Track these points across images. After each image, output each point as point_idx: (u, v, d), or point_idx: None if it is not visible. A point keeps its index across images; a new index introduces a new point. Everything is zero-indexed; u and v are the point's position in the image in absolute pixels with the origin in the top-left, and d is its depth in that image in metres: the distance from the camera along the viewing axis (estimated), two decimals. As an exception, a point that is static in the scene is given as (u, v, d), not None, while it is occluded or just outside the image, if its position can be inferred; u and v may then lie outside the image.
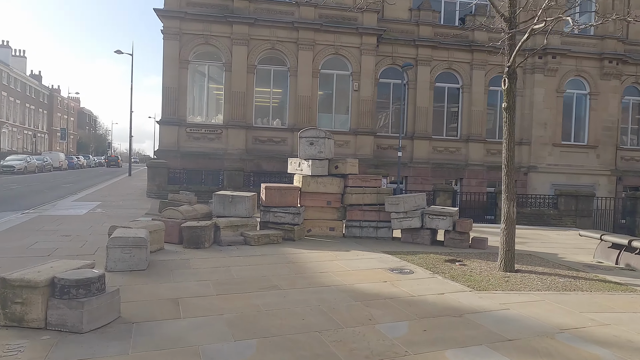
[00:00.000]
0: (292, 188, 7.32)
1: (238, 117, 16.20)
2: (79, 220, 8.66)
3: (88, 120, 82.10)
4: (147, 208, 11.34)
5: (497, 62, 18.74)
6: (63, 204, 11.83)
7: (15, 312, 3.13)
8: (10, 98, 44.13)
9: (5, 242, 6.26)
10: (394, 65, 18.19)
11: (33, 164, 29.27)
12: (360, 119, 17.13)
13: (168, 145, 15.79)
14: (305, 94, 16.59)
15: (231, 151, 16.12)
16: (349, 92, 17.36)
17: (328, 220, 7.60)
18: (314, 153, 7.38)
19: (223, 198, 7.09)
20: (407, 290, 4.56)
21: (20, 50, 50.37)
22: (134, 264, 4.87)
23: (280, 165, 16.51)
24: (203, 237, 6.23)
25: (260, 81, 16.81)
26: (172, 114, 15.84)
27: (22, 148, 46.38)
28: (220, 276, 4.84)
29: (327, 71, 17.12)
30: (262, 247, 6.51)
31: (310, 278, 4.91)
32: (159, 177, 14.23)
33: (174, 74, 15.82)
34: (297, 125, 16.56)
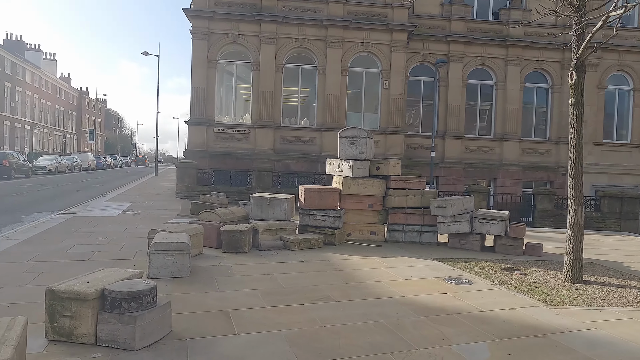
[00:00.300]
0: (332, 190, 6.98)
1: (266, 116, 16.00)
2: (113, 222, 8.59)
3: (114, 121, 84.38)
4: (177, 209, 11.25)
5: (533, 58, 17.91)
6: (95, 205, 11.89)
7: (64, 326, 2.91)
8: (42, 100, 45.67)
9: (45, 244, 6.17)
10: (424, 62, 17.61)
11: (64, 164, 30.07)
12: (390, 117, 16.64)
13: (196, 145, 15.74)
14: (334, 92, 16.23)
15: (259, 151, 15.93)
16: (379, 90, 16.89)
17: (369, 223, 7.22)
18: (355, 153, 7.01)
19: (260, 200, 6.82)
20: (473, 303, 4.13)
21: (51, 54, 52.13)
22: (177, 270, 4.64)
23: (309, 165, 16.24)
24: (242, 241, 5.97)
25: (288, 80, 16.57)
26: (200, 114, 15.78)
27: (52, 148, 47.94)
28: (267, 285, 4.54)
29: (356, 69, 16.71)
30: (303, 252, 6.19)
31: (362, 288, 4.54)
32: (188, 178, 14.17)
33: (203, 74, 15.76)
34: (326, 125, 16.25)
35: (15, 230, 7.68)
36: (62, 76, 55.45)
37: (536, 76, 18.22)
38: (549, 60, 17.94)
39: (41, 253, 5.60)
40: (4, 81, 36.61)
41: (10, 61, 37.73)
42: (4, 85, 36.64)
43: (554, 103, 18.14)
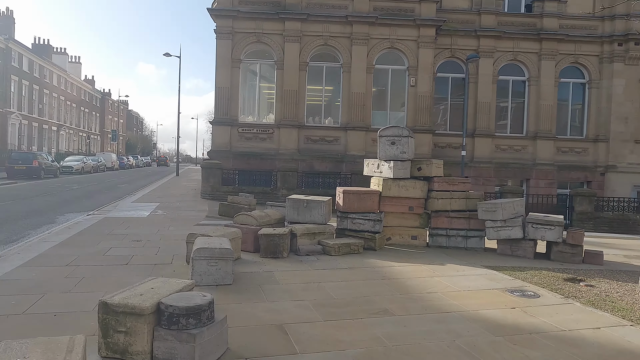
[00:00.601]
0: (372, 192, 6.63)
1: (290, 116, 15.76)
2: (144, 224, 8.47)
3: (135, 122, 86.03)
4: (205, 210, 11.10)
5: (569, 51, 17.11)
6: (124, 205, 11.88)
7: (118, 342, 2.68)
8: (68, 102, 46.83)
9: (82, 247, 6.05)
10: (452, 58, 17.05)
11: (89, 165, 30.66)
12: (417, 116, 16.15)
13: (220, 145, 15.64)
14: (359, 90, 15.86)
15: (283, 151, 15.71)
16: (405, 87, 16.42)
17: (409, 227, 6.84)
18: (396, 153, 6.64)
19: (297, 203, 6.53)
20: (549, 321, 3.72)
21: (76, 57, 53.41)
22: (220, 277, 4.39)
23: (333, 165, 15.92)
24: (281, 246, 5.69)
25: (312, 79, 16.28)
26: (224, 114, 15.67)
27: (77, 149, 49.12)
28: (316, 295, 4.24)
29: (381, 66, 16.29)
30: (343, 258, 5.88)
31: (420, 300, 4.19)
32: (213, 178, 14.06)
33: (227, 73, 15.64)
34: (351, 124, 15.89)
35: (50, 231, 7.64)
36: (86, 78, 56.77)
37: (572, 71, 17.39)
38: (586, 54, 17.09)
39: (79, 256, 5.46)
40: (33, 84, 37.63)
41: (38, 64, 38.76)
42: (33, 87, 37.67)
43: (592, 99, 17.28)
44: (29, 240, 6.88)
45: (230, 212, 9.99)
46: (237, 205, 10.03)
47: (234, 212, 9.96)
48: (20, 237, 7.24)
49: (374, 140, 16.36)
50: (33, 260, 5.21)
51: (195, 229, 7.89)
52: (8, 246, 6.48)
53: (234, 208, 10.01)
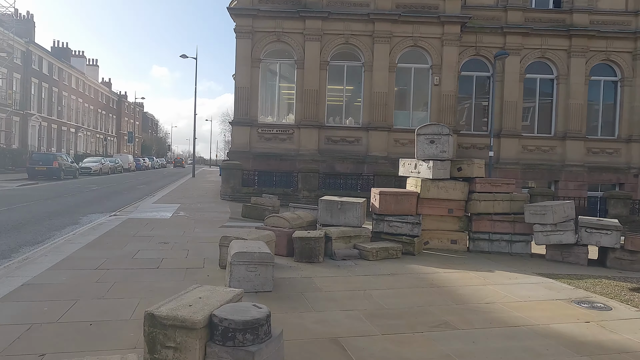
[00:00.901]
0: (410, 194, 6.26)
1: (310, 116, 15.47)
2: (168, 225, 8.25)
3: (150, 124, 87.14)
4: (227, 211, 10.86)
5: (600, 48, 16.43)
6: (145, 206, 11.73)
7: (166, 359, 2.37)
8: (85, 104, 47.55)
9: (109, 249, 5.83)
10: (477, 56, 16.54)
11: (107, 166, 30.94)
12: (440, 115, 15.67)
13: (240, 146, 15.43)
14: (381, 90, 15.48)
15: (303, 152, 15.42)
16: (428, 87, 15.98)
17: (449, 231, 6.44)
18: (436, 153, 6.26)
19: (331, 204, 6.20)
20: (635, 338, 3.30)
21: (93, 60, 54.27)
22: (260, 284, 4.09)
23: (354, 166, 15.56)
24: (317, 250, 5.37)
25: (333, 78, 15.97)
26: (244, 115, 15.47)
27: (94, 150, 49.83)
28: (365, 304, 3.89)
29: (404, 65, 15.88)
30: (382, 263, 5.52)
31: (480, 312, 3.81)
32: (233, 179, 13.84)
33: (246, 73, 15.44)
34: (372, 124, 15.52)
35: (75, 232, 7.47)
36: (103, 81, 57.65)
37: (603, 68, 16.69)
38: (618, 50, 16.38)
39: (108, 259, 5.23)
40: (52, 87, 38.28)
41: (57, 67, 39.43)
42: (52, 90, 38.31)
43: (624, 97, 16.54)
44: (55, 241, 6.71)
45: (254, 214, 9.73)
46: (260, 207, 9.76)
47: (258, 213, 9.70)
48: (45, 238, 7.08)
49: (397, 140, 15.96)
50: (62, 263, 4.99)
51: (222, 230, 7.64)
52: (34, 247, 6.31)
53: (258, 210, 9.74)
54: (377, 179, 13.75)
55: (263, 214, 9.67)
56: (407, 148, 15.78)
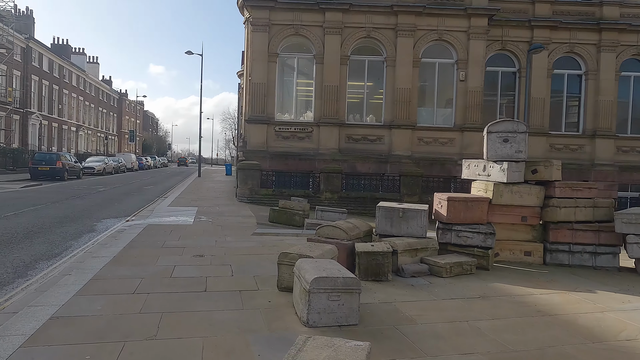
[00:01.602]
0: (480, 200, 5.53)
1: (330, 113, 14.72)
2: (194, 233, 7.50)
3: (151, 123, 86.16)
4: (251, 215, 10.11)
5: (631, 42, 15.72)
6: (160, 210, 10.98)
7: None
8: (86, 102, 46.63)
9: (140, 265, 5.08)
10: (503, 50, 15.81)
11: (110, 165, 30.11)
12: (467, 113, 14.96)
13: (257, 145, 14.68)
14: (404, 85, 14.74)
15: (323, 151, 14.68)
16: (453, 82, 15.25)
17: (521, 241, 5.73)
18: (510, 153, 5.52)
19: (391, 212, 5.46)
20: None
21: (94, 57, 53.26)
22: (343, 316, 3.36)
23: (377, 166, 14.83)
24: (385, 266, 4.66)
25: (353, 74, 15.22)
26: (260, 112, 14.71)
27: (95, 150, 48.94)
28: (481, 344, 3.16)
29: (428, 60, 15.14)
30: (459, 281, 4.80)
31: (629, 354, 3.06)
32: (252, 180, 13.09)
33: (262, 68, 14.67)
34: (395, 122, 14.78)
35: (94, 242, 6.73)
36: (104, 79, 56.68)
37: (633, 64, 15.98)
38: (650, 45, 15.67)
39: (144, 279, 4.49)
40: (53, 84, 37.37)
41: (57, 64, 38.50)
42: (53, 88, 37.40)
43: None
44: (74, 253, 5.97)
45: (283, 219, 9.00)
46: (290, 211, 9.03)
47: (287, 218, 8.98)
48: (62, 249, 6.34)
49: (420, 139, 15.23)
50: (91, 286, 4.25)
51: (257, 240, 6.91)
52: (52, 262, 5.57)
53: (287, 214, 9.01)
54: (404, 179, 13.04)
55: (292, 219, 8.95)
56: (432, 147, 15.07)
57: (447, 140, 15.08)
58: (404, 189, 12.97)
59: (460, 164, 15.43)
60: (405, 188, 12.96)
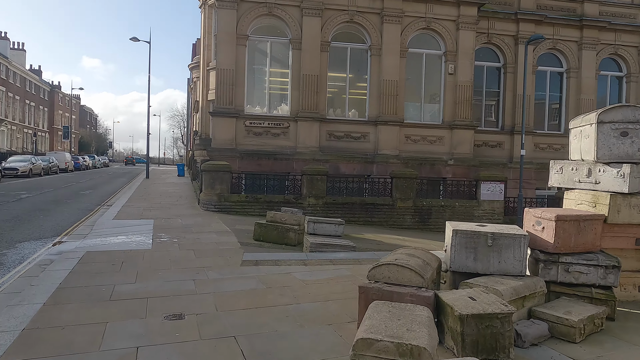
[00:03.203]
0: (594, 219, 3.97)
1: (309, 106, 12.89)
2: (158, 264, 5.33)
3: (89, 119, 78.38)
4: (226, 231, 8.00)
5: (609, 41, 15.60)
6: (104, 224, 8.50)
7: None
8: (9, 94, 40.45)
9: (73, 351, 2.90)
10: (488, 44, 14.98)
11: (39, 166, 25.74)
12: (456, 109, 13.86)
13: (224, 142, 12.45)
14: (391, 77, 13.30)
15: (302, 149, 12.81)
16: (441, 76, 14.09)
17: (635, 272, 4.28)
18: (631, 152, 4.01)
19: (474, 238, 3.73)
20: None
21: (19, 43, 46.59)
22: None
23: (361, 166, 13.24)
24: (506, 337, 2.90)
25: (334, 63, 13.51)
26: (228, 103, 12.49)
27: (22, 148, 42.71)
28: None
29: (415, 50, 13.84)
30: (598, 347, 3.19)
31: None
32: (220, 184, 10.88)
33: (230, 52, 12.48)
34: (381, 117, 13.30)
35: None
36: (32, 68, 49.94)
37: (609, 63, 15.92)
38: (625, 44, 15.66)
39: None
40: (-36, 70, 31.60)
41: (-30, 47, 32.69)
42: (-36, 74, 31.64)
43: (630, 93, 15.89)
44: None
45: (272, 236, 7.05)
46: (281, 226, 7.10)
47: (278, 235, 7.06)
48: None
49: (407, 137, 13.87)
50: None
51: (252, 273, 4.93)
52: None
53: (278, 230, 7.07)
54: (397, 182, 11.55)
55: (286, 236, 7.04)
56: (420, 146, 13.79)
57: (435, 139, 13.88)
58: (397, 192, 11.50)
59: (450, 164, 14.44)
60: (398, 192, 11.49)
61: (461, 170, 13.74)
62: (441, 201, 12.07)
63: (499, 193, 12.16)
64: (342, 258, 5.87)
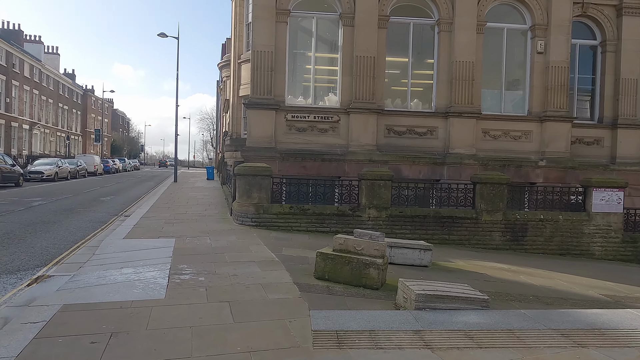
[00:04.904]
0: None
1: (363, 95, 10.49)
2: (170, 338, 3.11)
3: (121, 122, 79.50)
4: (273, 259, 5.70)
5: None
6: (109, 248, 6.43)
7: None
8: (43, 97, 40.53)
9: None
10: (582, 17, 12.02)
11: (65, 169, 24.74)
12: (547, 96, 11.07)
13: (260, 140, 10.26)
14: (465, 58, 10.69)
15: (355, 148, 10.42)
16: (526, 56, 11.33)
17: None
18: None
19: None
20: None
21: (54, 47, 47.08)
22: None
23: (429, 169, 10.68)
24: None
25: (393, 43, 11.05)
26: (266, 93, 10.30)
27: (54, 151, 42.80)
28: None
29: (494, 25, 11.16)
30: None
31: None
32: (259, 192, 8.62)
33: (269, 30, 10.29)
34: (453, 108, 10.70)
35: None
36: (66, 72, 50.43)
37: None
38: None
39: None
40: (-3, 73, 31.47)
41: (5, 51, 32.60)
42: (-3, 77, 31.50)
43: None
44: None
45: (343, 274, 4.70)
46: (356, 259, 4.73)
47: (351, 273, 4.71)
48: None
49: (485, 132, 11.13)
50: None
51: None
52: None
53: (352, 264, 4.70)
54: (482, 189, 8.93)
55: (364, 274, 4.68)
56: (501, 142, 11.07)
57: (520, 134, 11.12)
58: (482, 202, 8.88)
59: (541, 166, 11.62)
60: (483, 201, 8.87)
61: (555, 173, 10.90)
62: (538, 213, 9.31)
63: (617, 203, 9.27)
64: (482, 328, 3.39)
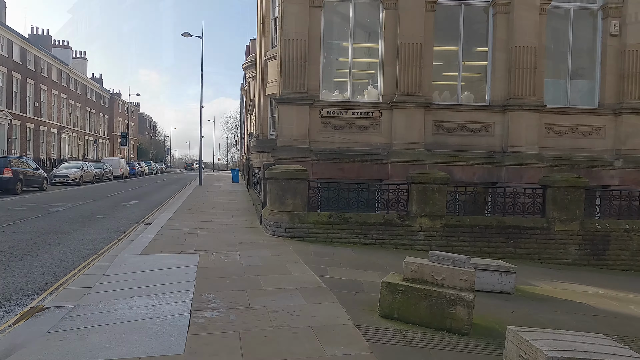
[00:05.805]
0: None
1: (408, 87, 9.25)
2: None
3: (148, 126, 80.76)
4: (319, 285, 4.59)
5: None
6: (122, 267, 5.48)
7: None
8: (71, 101, 41.16)
9: None
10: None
11: (90, 173, 24.57)
12: (623, 85, 9.51)
13: (293, 139, 9.18)
14: (527, 43, 9.28)
15: (399, 147, 9.20)
16: (597, 39, 9.81)
17: None
18: None
19: None
20: None
21: (81, 52, 47.96)
22: None
23: (485, 171, 9.32)
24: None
25: (441, 28, 9.76)
26: (298, 87, 9.22)
27: (82, 154, 43.41)
28: None
29: (559, 4, 9.70)
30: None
31: None
32: (293, 198, 7.53)
33: (301, 16, 9.22)
34: (512, 100, 9.31)
35: None
36: (94, 77, 51.30)
37: None
38: None
39: None
40: (27, 78, 31.90)
41: (33, 55, 33.08)
42: (27, 82, 31.94)
43: None
44: None
45: (419, 312, 3.53)
46: (436, 293, 3.54)
47: (429, 310, 3.51)
48: None
49: (549, 128, 9.63)
50: None
51: None
52: None
53: (431, 300, 3.51)
54: (553, 193, 7.53)
55: (449, 314, 3.47)
56: (567, 140, 9.57)
57: (590, 130, 9.59)
58: (554, 209, 7.48)
59: (617, 166, 10.02)
60: (555, 208, 7.47)
61: (635, 175, 9.32)
62: (623, 223, 7.80)
63: None
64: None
